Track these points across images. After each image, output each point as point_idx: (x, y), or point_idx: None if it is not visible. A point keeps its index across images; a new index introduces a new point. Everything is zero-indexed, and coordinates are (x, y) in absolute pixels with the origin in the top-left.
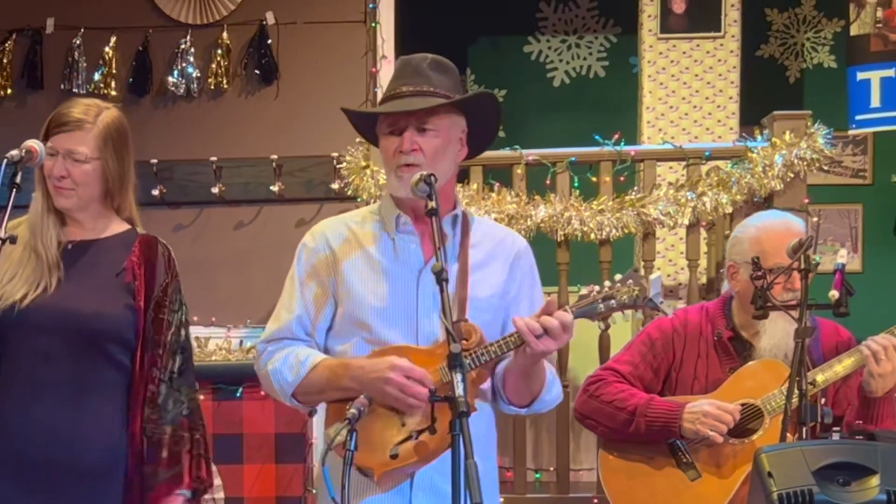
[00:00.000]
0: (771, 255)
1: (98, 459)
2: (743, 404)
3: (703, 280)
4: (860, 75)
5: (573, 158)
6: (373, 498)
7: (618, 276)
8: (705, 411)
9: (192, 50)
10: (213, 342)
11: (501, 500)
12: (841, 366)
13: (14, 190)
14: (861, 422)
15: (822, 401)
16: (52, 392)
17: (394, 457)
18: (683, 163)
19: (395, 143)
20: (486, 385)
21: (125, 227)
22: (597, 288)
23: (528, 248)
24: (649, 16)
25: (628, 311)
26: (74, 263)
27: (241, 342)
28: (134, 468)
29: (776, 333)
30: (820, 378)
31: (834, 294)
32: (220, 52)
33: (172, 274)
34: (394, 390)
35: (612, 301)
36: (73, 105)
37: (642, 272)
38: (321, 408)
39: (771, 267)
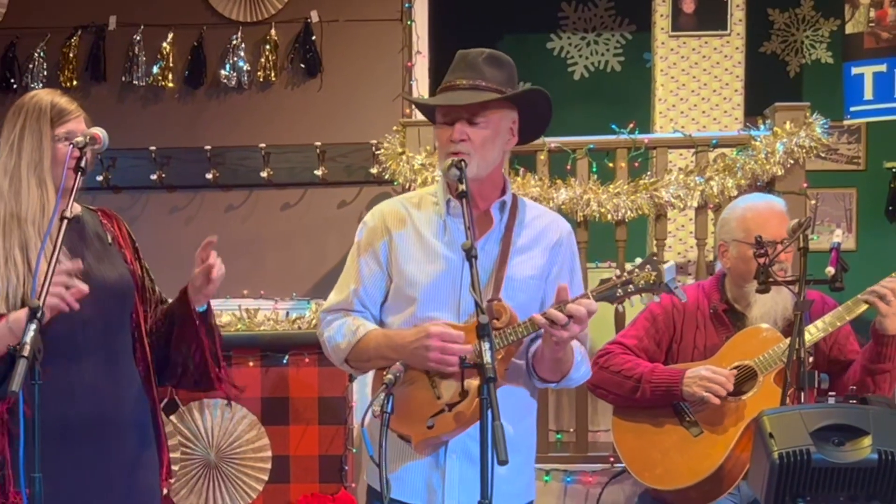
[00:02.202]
0: (755, 231)
1: (135, 413)
2: (738, 366)
3: (711, 257)
4: (854, 70)
5: (592, 146)
6: (412, 463)
7: (637, 261)
8: (702, 375)
9: (243, 45)
10: (262, 313)
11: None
12: (839, 321)
13: (79, 173)
14: (877, 366)
15: (811, 359)
16: (90, 355)
17: (430, 427)
18: (693, 150)
19: (447, 133)
20: (522, 361)
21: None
22: (616, 273)
23: (570, 234)
24: (662, 15)
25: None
26: (72, 237)
27: (287, 313)
28: (157, 415)
29: (766, 303)
30: (813, 331)
31: (830, 270)
32: (268, 47)
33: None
34: (435, 355)
35: (630, 286)
36: (59, 95)
37: (660, 258)
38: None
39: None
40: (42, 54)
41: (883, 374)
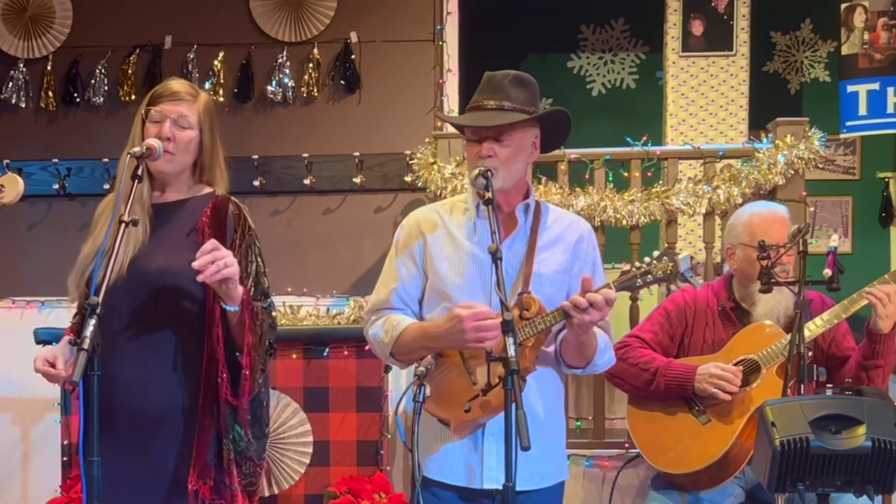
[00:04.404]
0: (759, 236)
1: (165, 407)
2: (743, 360)
3: (718, 259)
4: (850, 88)
5: (608, 157)
6: (451, 447)
7: (655, 254)
8: (711, 373)
9: (288, 63)
10: (305, 309)
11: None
12: (836, 319)
13: (136, 181)
14: (870, 362)
15: (810, 353)
16: (123, 346)
17: (467, 411)
18: (701, 161)
19: (476, 149)
20: (552, 349)
21: (206, 190)
22: (636, 264)
23: (591, 231)
24: (673, 37)
25: (656, 285)
26: (153, 224)
27: (328, 309)
28: (205, 413)
29: (769, 301)
30: (812, 328)
31: (827, 272)
32: (311, 65)
33: (242, 229)
34: (471, 334)
35: (649, 276)
36: (177, 81)
37: (676, 250)
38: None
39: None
40: (103, 71)
41: (876, 369)
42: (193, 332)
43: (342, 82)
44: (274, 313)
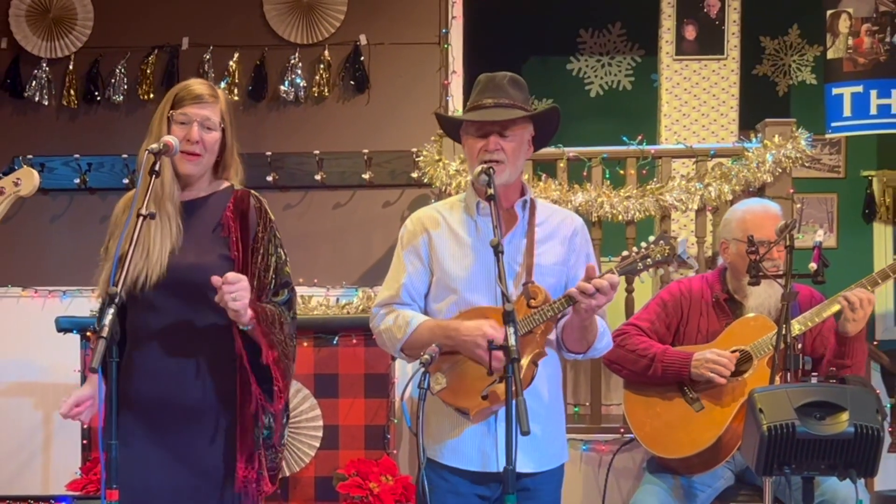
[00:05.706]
0: (752, 231)
1: (201, 399)
2: (737, 350)
3: (709, 253)
4: (835, 91)
5: (605, 155)
6: (466, 431)
7: (651, 238)
8: (707, 358)
9: (300, 64)
10: (315, 300)
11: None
12: (816, 317)
13: (154, 176)
14: (838, 361)
15: (799, 346)
16: (160, 340)
17: (484, 398)
18: (693, 159)
19: (480, 144)
20: (553, 336)
21: (224, 185)
22: (635, 249)
23: (583, 225)
24: (667, 41)
25: (652, 271)
26: (185, 218)
27: (337, 300)
28: (241, 403)
29: (761, 295)
30: (797, 327)
31: (813, 266)
32: (322, 66)
33: (264, 221)
34: (482, 353)
35: (648, 259)
36: (198, 83)
37: (673, 234)
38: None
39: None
40: (123, 70)
41: (844, 368)
42: (227, 326)
43: (352, 82)
44: (296, 300)
